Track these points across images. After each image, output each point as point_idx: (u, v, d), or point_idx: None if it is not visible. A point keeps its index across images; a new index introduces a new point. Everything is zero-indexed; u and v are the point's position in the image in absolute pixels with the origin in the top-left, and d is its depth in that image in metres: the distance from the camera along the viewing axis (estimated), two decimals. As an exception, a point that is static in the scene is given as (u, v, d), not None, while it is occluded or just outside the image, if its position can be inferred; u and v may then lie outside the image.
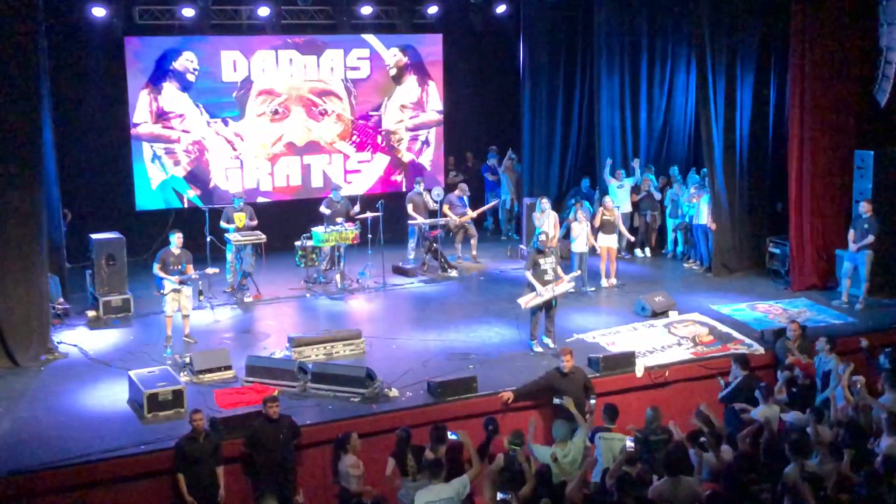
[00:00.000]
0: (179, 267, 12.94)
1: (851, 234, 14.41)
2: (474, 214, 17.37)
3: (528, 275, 12.59)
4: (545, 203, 15.89)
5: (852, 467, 8.45)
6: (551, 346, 12.56)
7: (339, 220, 15.77)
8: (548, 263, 12.58)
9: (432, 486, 8.48)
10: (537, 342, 12.68)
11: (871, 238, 14.10)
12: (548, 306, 12.59)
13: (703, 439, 9.17)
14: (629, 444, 8.96)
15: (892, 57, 14.25)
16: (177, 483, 9.44)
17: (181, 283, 12.89)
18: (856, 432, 9.02)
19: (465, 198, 17.23)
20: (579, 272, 14.14)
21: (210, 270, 13.75)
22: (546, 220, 15.72)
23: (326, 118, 18.50)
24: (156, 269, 12.98)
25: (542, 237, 12.77)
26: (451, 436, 9.16)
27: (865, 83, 15.01)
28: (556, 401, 10.53)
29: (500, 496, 8.34)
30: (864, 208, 14.26)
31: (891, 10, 14.16)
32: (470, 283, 16.23)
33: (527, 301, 12.49)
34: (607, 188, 17.28)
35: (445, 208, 16.93)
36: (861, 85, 15.12)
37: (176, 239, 13.07)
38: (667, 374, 12.09)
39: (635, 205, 17.66)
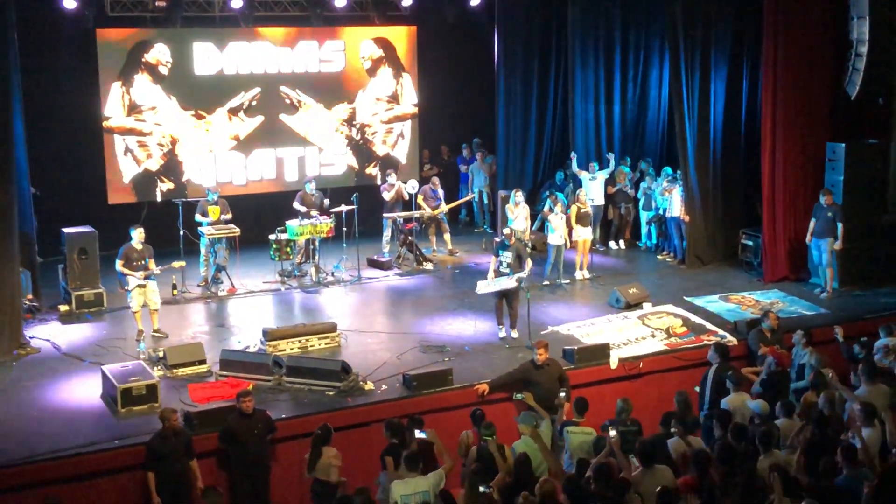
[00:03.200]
0: (143, 262, 12.86)
1: (812, 224, 14.59)
2: (446, 209, 17.36)
3: (493, 261, 13.06)
4: (519, 196, 15.95)
5: (814, 458, 8.51)
6: (514, 335, 12.74)
7: (314, 213, 15.74)
8: (506, 257, 12.81)
9: (408, 478, 8.50)
10: (504, 328, 12.89)
11: (840, 227, 14.25)
12: (506, 297, 12.79)
13: (673, 429, 9.22)
14: (612, 433, 9.05)
15: (862, 50, 14.35)
16: (147, 481, 9.40)
17: (146, 278, 12.82)
18: (823, 425, 9.10)
19: (440, 191, 17.22)
20: (527, 272, 13.41)
21: (176, 264, 13.63)
22: (519, 212, 15.77)
23: (300, 111, 18.43)
24: (118, 265, 12.89)
25: (507, 231, 13.09)
26: (420, 434, 9.15)
27: (836, 76, 15.12)
28: (517, 396, 10.59)
29: (481, 489, 8.38)
30: (826, 199, 14.41)
31: (861, 3, 14.26)
32: (445, 275, 16.24)
33: (482, 287, 12.91)
34: (580, 181, 17.30)
35: (420, 199, 16.94)
36: (832, 77, 15.24)
37: (137, 234, 12.98)
38: (641, 366, 12.17)
39: (610, 197, 17.71)
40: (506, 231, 13.18)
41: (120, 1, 16.61)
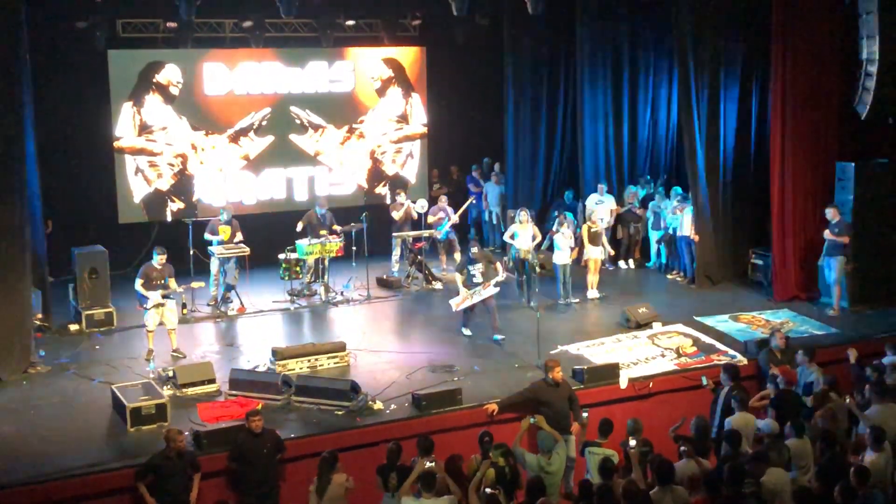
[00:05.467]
0: (162, 282, 12.95)
1: (826, 243, 14.58)
2: (456, 219, 17.33)
3: (457, 277, 13.85)
4: (523, 214, 15.89)
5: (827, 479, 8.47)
6: (501, 338, 13.48)
7: (323, 232, 15.77)
8: (476, 269, 13.60)
9: (423, 499, 8.48)
10: (466, 328, 13.84)
11: (845, 238, 14.24)
12: (484, 302, 13.64)
13: (682, 448, 9.19)
14: (632, 442, 9.00)
15: (872, 69, 14.34)
16: (141, 494, 9.34)
17: (164, 297, 12.88)
18: (831, 443, 9.06)
19: (449, 210, 17.21)
20: (503, 275, 14.10)
21: (195, 284, 13.75)
22: (524, 231, 15.72)
23: (310, 131, 18.50)
24: (138, 284, 12.96)
25: (475, 249, 13.86)
26: (428, 464, 9.11)
27: (846, 95, 15.11)
28: (531, 420, 10.50)
29: (488, 490, 8.35)
30: (831, 214, 14.42)
31: (870, 22, 14.26)
32: (454, 295, 16.15)
33: (457, 304, 13.71)
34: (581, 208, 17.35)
35: (430, 220, 16.96)
36: (842, 97, 15.22)
37: (159, 257, 13.07)
38: (651, 386, 12.12)
39: (619, 217, 17.72)
40: (473, 249, 13.86)
41: (131, 22, 16.73)
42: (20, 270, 12.54)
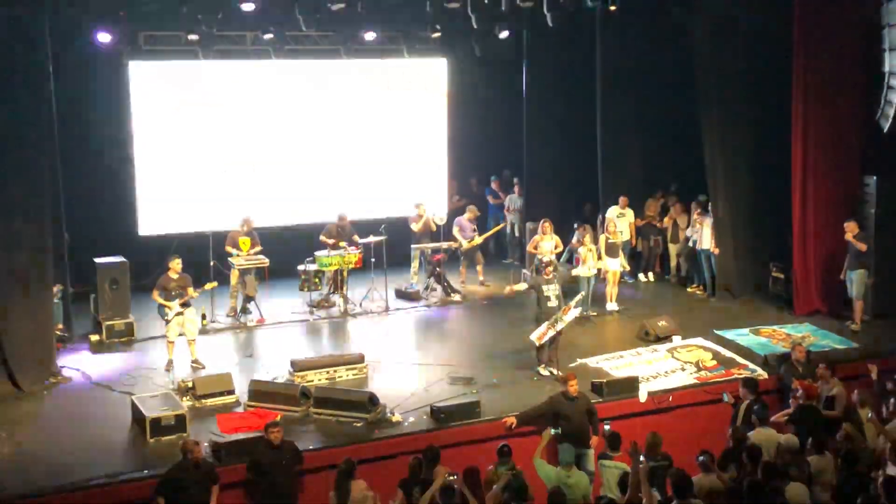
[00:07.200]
0: (180, 291, 12.99)
1: (847, 257, 14.52)
2: (480, 240, 17.35)
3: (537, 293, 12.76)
4: (546, 226, 15.89)
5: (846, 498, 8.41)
6: (555, 373, 12.51)
7: (342, 244, 15.80)
8: (551, 290, 12.69)
9: None
10: (544, 366, 12.66)
11: (862, 245, 14.18)
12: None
13: (701, 458, 9.15)
14: (641, 458, 9.00)
15: (895, 82, 14.26)
16: None
17: (183, 305, 12.92)
18: (852, 461, 8.99)
19: (474, 221, 17.23)
20: (583, 294, 14.11)
21: (209, 285, 13.79)
22: (546, 242, 15.70)
23: (331, 142, 18.53)
24: (154, 294, 13.02)
25: (549, 266, 12.91)
26: (450, 477, 9.09)
27: (868, 108, 15.02)
28: (553, 431, 10.43)
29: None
30: (851, 227, 14.35)
31: (893, 36, 14.18)
32: (473, 307, 16.21)
33: (540, 335, 12.52)
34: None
35: (456, 231, 16.94)
36: (864, 111, 15.13)
37: (174, 265, 13.10)
38: (670, 399, 12.07)
39: (639, 230, 17.66)
40: (547, 267, 12.94)
41: (153, 34, 16.81)
42: (41, 282, 12.63)
